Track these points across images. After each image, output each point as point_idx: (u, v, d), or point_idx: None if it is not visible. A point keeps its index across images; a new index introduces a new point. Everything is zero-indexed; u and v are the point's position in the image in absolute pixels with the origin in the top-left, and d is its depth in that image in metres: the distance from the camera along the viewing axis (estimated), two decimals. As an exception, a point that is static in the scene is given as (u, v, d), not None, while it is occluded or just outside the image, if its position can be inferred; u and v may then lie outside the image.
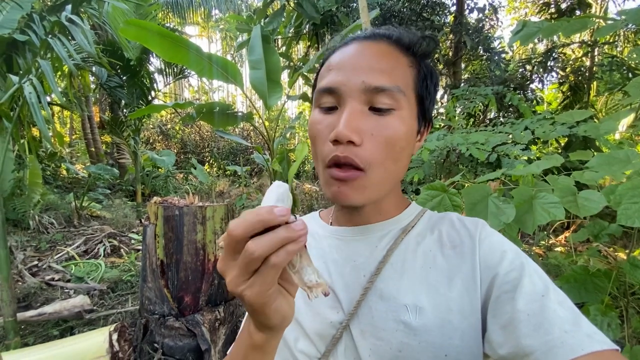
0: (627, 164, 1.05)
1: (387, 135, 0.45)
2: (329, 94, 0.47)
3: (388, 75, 0.45)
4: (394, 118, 0.46)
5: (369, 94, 0.45)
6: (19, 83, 2.11)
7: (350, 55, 0.47)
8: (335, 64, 0.48)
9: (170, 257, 1.88)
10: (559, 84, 5.75)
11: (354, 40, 0.50)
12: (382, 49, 0.47)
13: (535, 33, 1.48)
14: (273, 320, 0.34)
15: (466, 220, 0.52)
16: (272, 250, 0.30)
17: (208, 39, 21.93)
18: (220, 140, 11.39)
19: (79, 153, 10.32)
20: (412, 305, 0.45)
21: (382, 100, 0.45)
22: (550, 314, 0.38)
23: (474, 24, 5.20)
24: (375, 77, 0.44)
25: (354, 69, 0.46)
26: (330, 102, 0.47)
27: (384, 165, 0.46)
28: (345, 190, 0.45)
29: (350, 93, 0.45)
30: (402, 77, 0.47)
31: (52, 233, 4.37)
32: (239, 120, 3.99)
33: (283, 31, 6.03)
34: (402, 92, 0.46)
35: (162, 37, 3.02)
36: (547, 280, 0.42)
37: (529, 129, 2.12)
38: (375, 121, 0.45)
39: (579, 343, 0.35)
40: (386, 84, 0.44)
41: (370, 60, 0.46)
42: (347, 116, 0.44)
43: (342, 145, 0.44)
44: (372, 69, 0.45)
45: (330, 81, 0.46)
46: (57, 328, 2.32)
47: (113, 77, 5.29)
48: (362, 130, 0.44)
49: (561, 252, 3.11)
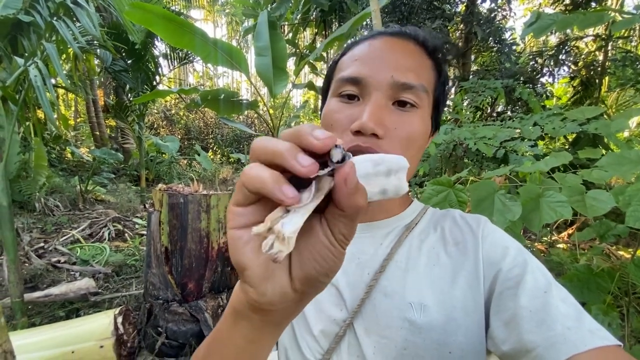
0: (638, 164, 1.03)
1: (409, 132, 0.45)
2: (353, 84, 0.46)
3: (415, 73, 0.45)
4: (416, 116, 0.46)
5: (395, 90, 0.45)
6: (24, 65, 2.10)
7: (378, 49, 0.47)
8: (361, 55, 0.48)
9: (175, 244, 1.90)
10: (570, 78, 5.63)
11: (381, 34, 0.50)
12: (410, 48, 0.48)
13: (549, 25, 1.44)
14: (259, 290, 0.25)
15: (468, 217, 0.52)
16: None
17: (213, 24, 21.63)
18: (224, 127, 11.35)
19: (84, 136, 10.34)
20: (417, 302, 0.45)
21: (406, 96, 0.45)
22: (552, 310, 0.38)
23: (485, 14, 5.06)
24: (403, 74, 0.45)
25: (382, 62, 0.45)
26: (353, 91, 0.46)
27: None
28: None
29: (377, 86, 0.45)
30: (427, 78, 0.47)
31: (58, 216, 4.43)
32: (243, 108, 3.97)
33: (290, 17, 5.92)
34: (426, 91, 0.46)
35: (167, 20, 2.97)
36: (550, 276, 0.42)
37: (539, 124, 2.08)
38: (398, 116, 0.45)
39: (581, 339, 0.35)
40: (413, 81, 0.45)
41: (399, 56, 0.46)
42: (372, 109, 0.43)
43: (364, 137, 0.43)
44: (400, 65, 0.45)
45: (356, 71, 0.46)
46: (63, 309, 2.37)
47: (118, 61, 5.25)
48: (385, 124, 0.44)
49: (564, 249, 3.11)
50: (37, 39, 2.66)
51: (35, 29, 2.84)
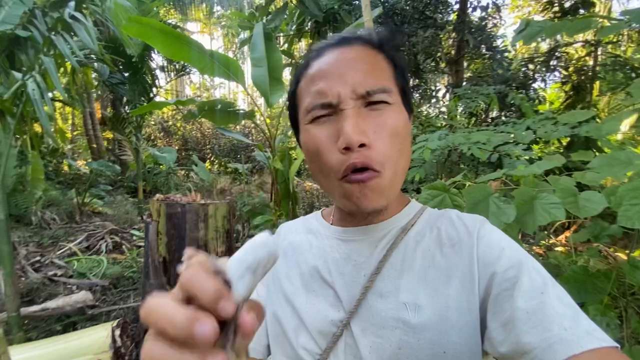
0: (628, 165, 1.05)
1: (389, 128, 0.46)
2: (322, 105, 0.47)
3: (373, 77, 0.46)
4: (389, 112, 0.47)
5: (362, 98, 0.46)
6: (22, 79, 2.12)
7: (330, 64, 0.47)
8: (316, 75, 0.48)
9: (173, 254, 1.89)
10: (561, 83, 5.72)
11: (326, 48, 0.50)
12: (359, 52, 0.48)
13: (538, 32, 1.48)
14: None
15: (465, 217, 0.52)
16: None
17: (210, 36, 21.89)
18: (222, 137, 11.37)
19: (81, 149, 10.34)
20: (411, 303, 0.46)
21: (376, 97, 0.46)
22: (549, 310, 0.38)
23: (476, 23, 5.17)
24: (362, 84, 0.45)
25: (340, 76, 0.46)
26: (325, 112, 0.47)
27: (393, 159, 0.46)
28: (368, 194, 0.45)
29: (345, 100, 0.45)
30: (384, 75, 0.48)
31: (54, 229, 4.39)
32: (240, 118, 4.00)
33: (285, 29, 6.01)
34: (389, 89, 0.47)
35: (164, 34, 3.02)
36: (547, 276, 0.42)
37: (531, 129, 2.12)
38: (375, 118, 0.46)
39: (578, 340, 0.35)
40: (373, 86, 0.45)
41: (352, 65, 0.46)
42: (351, 121, 0.44)
43: (354, 151, 0.44)
44: (356, 73, 0.46)
45: (319, 94, 0.46)
46: (60, 323, 2.34)
47: (115, 74, 5.30)
48: (367, 130, 0.44)
49: (561, 252, 3.11)
50: (35, 53, 2.69)
51: (33, 43, 2.87)
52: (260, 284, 0.66)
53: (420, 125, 3.57)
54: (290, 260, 0.60)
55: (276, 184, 3.84)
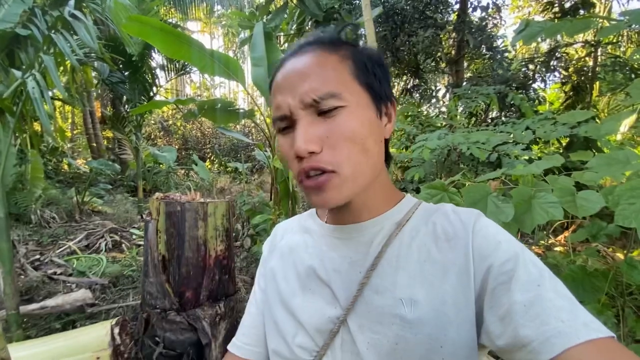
0: (626, 164, 1.06)
1: (342, 133, 0.45)
2: (281, 118, 0.48)
3: (320, 82, 0.45)
4: (343, 115, 0.46)
5: (312, 106, 0.46)
6: (22, 78, 2.12)
7: (285, 76, 0.49)
8: (276, 88, 0.50)
9: (172, 253, 1.90)
10: (561, 83, 5.73)
11: (286, 58, 0.51)
12: (309, 58, 0.48)
13: (538, 33, 1.48)
14: None
15: (461, 211, 0.51)
16: None
17: (210, 35, 21.88)
18: (222, 136, 11.38)
19: (80, 148, 10.33)
20: (407, 299, 0.46)
21: (325, 104, 0.45)
22: (546, 303, 0.38)
23: (477, 23, 5.17)
24: (308, 92, 0.45)
25: (290, 90, 0.47)
26: (285, 124, 0.49)
27: (351, 158, 0.46)
28: (322, 195, 0.46)
29: (295, 111, 0.46)
30: (336, 77, 0.46)
31: (54, 227, 4.39)
32: (240, 117, 4.00)
33: (285, 28, 6.01)
34: (338, 93, 0.46)
35: (164, 33, 3.02)
36: (543, 268, 0.42)
37: (530, 129, 2.12)
38: (327, 124, 0.46)
39: (575, 332, 0.35)
40: (320, 93, 0.45)
41: (301, 74, 0.47)
42: (300, 131, 0.45)
43: (306, 159, 0.45)
44: (304, 82, 0.46)
45: (276, 107, 0.49)
46: (60, 321, 2.34)
47: (115, 73, 5.30)
48: (317, 138, 0.45)
49: (560, 252, 3.12)
50: (35, 52, 2.69)
51: (33, 41, 2.87)
52: (261, 276, 0.67)
53: (420, 125, 3.57)
54: (287, 261, 0.60)
55: (276, 183, 3.84)
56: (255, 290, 0.66)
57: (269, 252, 0.66)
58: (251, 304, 0.66)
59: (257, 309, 0.64)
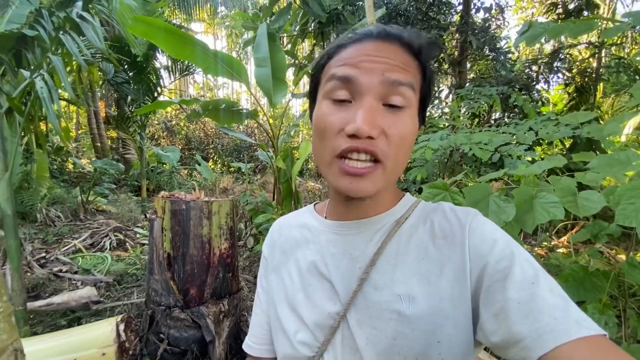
0: (627, 165, 1.06)
1: (401, 131, 0.46)
2: (344, 87, 0.47)
3: (404, 71, 0.47)
4: (406, 115, 0.47)
5: (386, 89, 0.46)
6: (30, 78, 2.15)
7: (366, 50, 0.48)
8: (350, 58, 0.48)
9: (177, 250, 1.92)
10: (565, 85, 5.72)
11: (367, 37, 0.50)
12: (395, 52, 0.48)
13: (541, 34, 1.49)
14: None
15: (458, 209, 0.52)
16: None
17: (214, 36, 21.96)
18: (225, 137, 11.44)
19: (85, 148, 10.41)
20: (405, 295, 0.47)
21: (396, 98, 0.46)
22: (540, 301, 0.39)
23: (480, 24, 5.18)
24: (393, 72, 0.46)
25: (372, 63, 0.46)
26: (344, 95, 0.47)
27: (395, 159, 0.47)
28: (358, 183, 0.46)
29: (369, 86, 0.45)
30: (414, 77, 0.49)
31: (59, 226, 4.44)
32: (243, 118, 4.02)
33: (289, 29, 6.03)
34: (414, 89, 0.48)
35: (169, 33, 3.04)
36: (538, 267, 0.43)
37: (533, 129, 2.13)
38: (390, 118, 0.46)
39: (567, 329, 0.36)
40: (404, 79, 0.46)
41: (388, 56, 0.47)
42: (366, 112, 0.44)
43: (359, 140, 0.44)
44: (390, 64, 0.46)
45: (347, 72, 0.47)
46: (65, 318, 2.37)
47: (120, 73, 5.34)
48: (378, 126, 0.45)
49: (563, 253, 3.11)
50: (42, 52, 2.73)
51: (40, 42, 2.91)
52: (263, 277, 0.68)
53: (423, 126, 3.57)
54: (289, 257, 0.61)
55: (278, 183, 3.86)
56: (258, 292, 0.67)
57: (269, 252, 0.67)
58: (256, 305, 0.67)
59: (261, 310, 0.65)
